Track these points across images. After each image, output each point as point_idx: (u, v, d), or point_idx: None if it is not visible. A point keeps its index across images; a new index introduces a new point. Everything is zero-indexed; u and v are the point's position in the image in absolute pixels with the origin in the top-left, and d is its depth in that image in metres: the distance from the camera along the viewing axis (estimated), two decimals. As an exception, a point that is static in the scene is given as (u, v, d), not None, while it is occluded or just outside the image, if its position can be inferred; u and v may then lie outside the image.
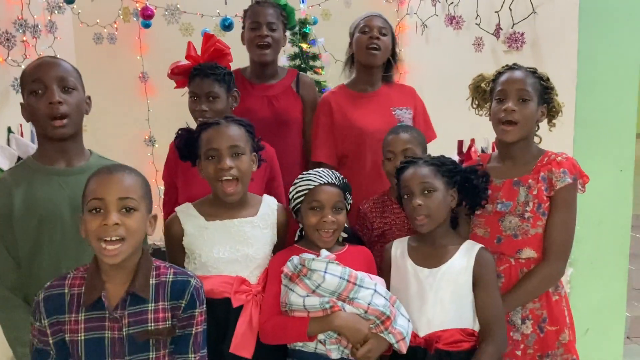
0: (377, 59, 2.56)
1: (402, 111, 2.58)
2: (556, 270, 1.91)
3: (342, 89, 2.68)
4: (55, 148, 1.80)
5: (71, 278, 1.56)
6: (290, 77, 2.70)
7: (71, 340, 1.51)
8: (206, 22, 4.73)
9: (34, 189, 1.76)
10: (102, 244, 1.47)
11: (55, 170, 1.79)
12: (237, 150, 1.83)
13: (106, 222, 1.46)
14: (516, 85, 1.90)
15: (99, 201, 1.48)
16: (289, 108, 2.62)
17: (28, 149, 3.34)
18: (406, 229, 2.11)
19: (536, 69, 1.98)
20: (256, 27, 2.55)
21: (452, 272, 1.80)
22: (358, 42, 2.56)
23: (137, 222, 1.51)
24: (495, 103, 1.95)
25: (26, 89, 1.76)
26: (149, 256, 1.60)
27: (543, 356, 1.93)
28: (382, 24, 2.57)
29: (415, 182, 1.83)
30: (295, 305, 1.74)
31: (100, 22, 4.78)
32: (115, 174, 1.52)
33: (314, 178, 1.84)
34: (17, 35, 3.36)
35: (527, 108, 1.90)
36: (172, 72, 2.38)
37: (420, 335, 1.78)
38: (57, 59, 1.80)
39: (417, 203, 1.80)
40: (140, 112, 4.93)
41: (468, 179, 1.86)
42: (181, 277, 1.59)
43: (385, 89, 2.65)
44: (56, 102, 1.72)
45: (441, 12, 4.18)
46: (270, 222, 1.92)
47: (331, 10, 4.99)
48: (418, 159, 1.89)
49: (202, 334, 1.61)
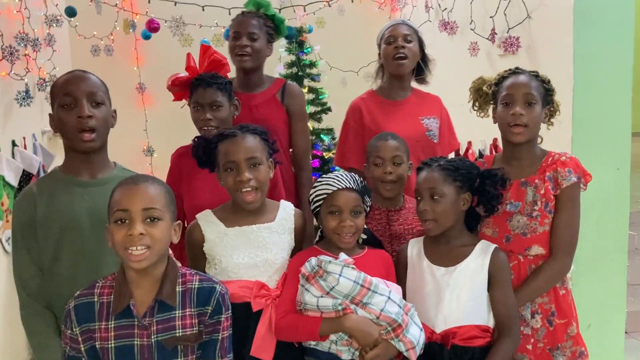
0: (405, 67, 2.58)
1: (430, 120, 2.61)
2: (564, 266, 1.97)
3: (371, 95, 2.69)
4: (81, 159, 1.84)
5: (100, 287, 1.59)
6: (276, 86, 2.70)
7: (102, 347, 1.54)
8: (204, 32, 4.77)
9: (56, 199, 1.80)
10: (128, 251, 1.50)
11: (78, 182, 1.83)
12: (255, 161, 1.87)
13: (131, 232, 1.50)
14: (522, 90, 1.96)
15: (123, 212, 1.52)
16: (270, 117, 2.60)
17: (32, 162, 3.37)
18: (387, 234, 2.16)
19: (538, 72, 2.04)
20: (237, 37, 2.59)
21: (468, 271, 1.85)
22: (385, 53, 2.59)
23: (161, 231, 1.55)
24: (502, 107, 2.00)
25: (56, 102, 1.80)
26: (175, 264, 1.64)
27: (553, 349, 1.99)
28: (406, 31, 2.58)
29: (424, 186, 1.89)
30: (309, 305, 1.78)
31: (97, 34, 4.81)
32: (139, 184, 1.56)
33: (333, 183, 1.88)
34: (19, 49, 3.39)
35: (533, 111, 1.96)
36: (172, 84, 2.40)
37: (437, 332, 1.83)
38: (87, 72, 1.84)
39: (423, 208, 1.87)
40: (138, 123, 4.96)
41: (483, 184, 1.90)
42: (207, 284, 1.63)
43: (414, 97, 2.68)
44: (85, 116, 1.76)
45: (434, 18, 4.25)
46: (288, 227, 1.96)
47: (325, 18, 5.05)
48: (433, 162, 1.94)
49: (228, 339, 1.65)
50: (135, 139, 4.96)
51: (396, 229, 2.16)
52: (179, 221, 1.64)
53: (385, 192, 2.15)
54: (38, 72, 3.68)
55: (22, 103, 3.40)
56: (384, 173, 2.13)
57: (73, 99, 1.77)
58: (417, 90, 2.74)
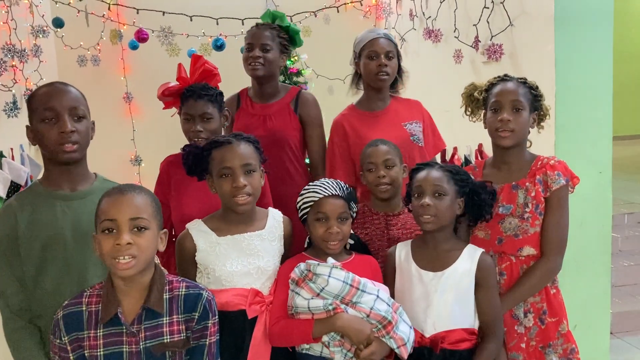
0: (387, 82, 2.62)
1: (412, 125, 2.64)
2: (555, 265, 2.02)
3: (352, 110, 2.72)
4: (61, 171, 1.82)
5: (88, 296, 1.60)
6: (290, 95, 2.76)
7: (90, 355, 1.55)
8: (192, 42, 4.80)
9: (38, 214, 1.78)
10: (115, 260, 1.52)
11: (59, 195, 1.81)
12: (250, 167, 1.90)
13: (119, 242, 1.51)
14: (510, 97, 2.02)
15: (111, 222, 1.53)
16: (283, 126, 2.67)
17: (20, 173, 3.37)
18: (385, 239, 2.19)
19: (526, 79, 2.09)
20: (250, 48, 2.66)
21: (456, 275, 1.88)
22: (366, 68, 2.60)
23: (148, 240, 1.56)
24: (491, 113, 2.06)
25: (37, 115, 1.77)
26: (162, 272, 1.65)
27: (545, 347, 2.04)
28: (388, 47, 2.59)
29: (428, 183, 1.91)
30: (300, 308, 1.80)
31: (84, 44, 4.82)
32: (125, 194, 1.57)
33: (319, 190, 1.92)
34: (7, 61, 3.39)
35: (520, 117, 2.01)
36: (163, 93, 2.40)
37: (426, 336, 1.86)
38: (67, 85, 1.82)
39: (426, 202, 1.88)
40: (125, 133, 4.98)
41: (477, 193, 1.94)
42: (193, 290, 1.65)
43: (394, 104, 2.70)
44: (68, 131, 1.74)
45: (419, 26, 4.31)
46: (277, 234, 1.99)
47: (312, 27, 5.10)
48: (434, 163, 1.98)
49: (215, 345, 1.66)
50: (123, 148, 4.98)
51: (395, 233, 2.19)
52: (165, 230, 1.66)
53: (381, 194, 2.18)
54: (25, 82, 3.69)
55: (9, 114, 3.40)
56: (377, 177, 2.17)
57: (55, 113, 1.74)
58: (396, 97, 2.76)
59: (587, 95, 2.92)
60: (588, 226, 2.98)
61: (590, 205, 2.95)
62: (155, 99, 2.44)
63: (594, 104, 2.93)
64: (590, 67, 2.90)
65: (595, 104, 2.93)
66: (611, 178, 3.04)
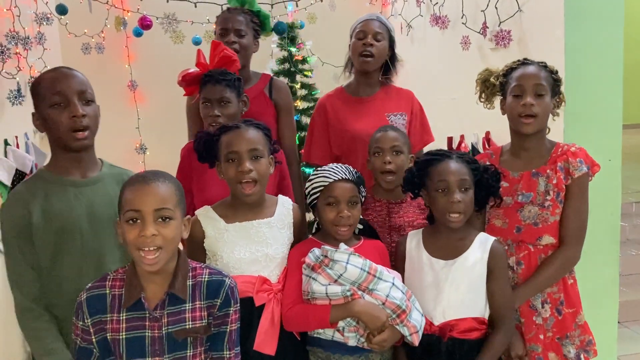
0: (370, 65, 2.58)
1: (396, 117, 2.61)
2: (575, 254, 2.01)
3: (339, 92, 2.72)
4: (71, 158, 1.81)
5: (111, 279, 1.61)
6: (263, 82, 2.73)
7: (113, 339, 1.57)
8: (196, 29, 4.76)
9: (51, 201, 1.77)
10: (141, 253, 1.52)
11: (70, 182, 1.81)
12: (257, 153, 1.89)
13: (144, 233, 1.51)
14: (532, 81, 1.98)
15: (135, 212, 1.53)
16: (260, 113, 2.60)
17: (25, 161, 3.36)
18: (387, 226, 2.18)
19: (546, 63, 2.05)
20: (224, 34, 2.61)
21: (468, 264, 1.87)
22: (353, 48, 2.60)
23: (173, 230, 1.56)
24: (512, 98, 2.01)
25: (45, 101, 1.74)
26: (186, 258, 1.66)
27: (562, 338, 2.02)
28: (378, 28, 2.57)
29: (454, 177, 1.85)
30: (317, 294, 1.81)
31: (88, 32, 4.79)
32: (150, 183, 1.55)
33: (329, 174, 1.91)
34: (10, 48, 3.37)
35: (543, 101, 1.98)
36: (183, 79, 2.42)
37: (435, 324, 1.85)
38: (72, 69, 1.81)
39: (457, 199, 1.83)
40: (130, 121, 4.94)
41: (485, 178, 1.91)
42: (216, 277, 1.66)
43: (382, 94, 2.68)
44: (80, 115, 1.73)
45: (426, 12, 4.26)
46: (287, 222, 1.98)
47: (317, 13, 5.05)
48: (450, 153, 1.93)
49: (236, 332, 1.67)
50: (128, 137, 4.95)
51: (396, 221, 2.18)
52: (188, 216, 1.66)
53: (385, 184, 2.17)
54: (29, 70, 3.67)
55: (14, 102, 3.38)
56: (383, 163, 2.15)
57: (64, 98, 1.73)
58: (388, 86, 2.73)
59: (597, 82, 2.87)
60: (596, 214, 2.89)
61: (599, 194, 2.87)
62: (160, 86, 2.44)
63: (604, 91, 2.89)
64: (601, 53, 2.85)
65: (605, 91, 2.89)
66: (621, 166, 3.00)
